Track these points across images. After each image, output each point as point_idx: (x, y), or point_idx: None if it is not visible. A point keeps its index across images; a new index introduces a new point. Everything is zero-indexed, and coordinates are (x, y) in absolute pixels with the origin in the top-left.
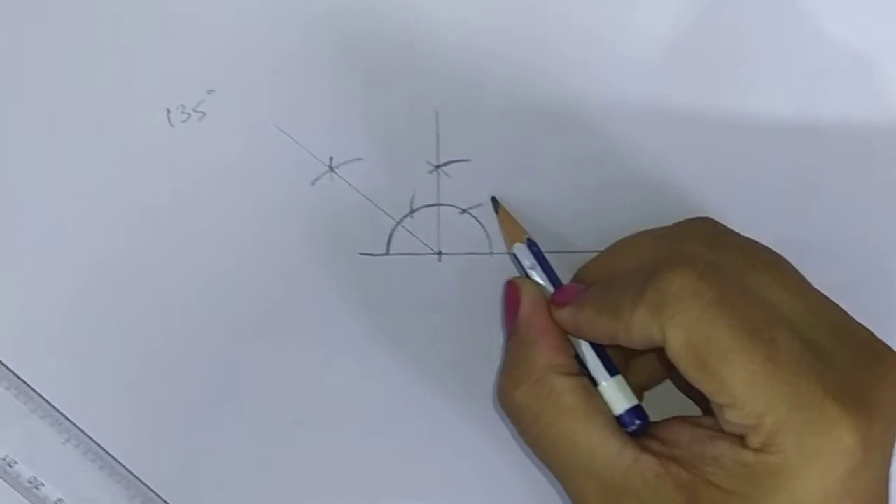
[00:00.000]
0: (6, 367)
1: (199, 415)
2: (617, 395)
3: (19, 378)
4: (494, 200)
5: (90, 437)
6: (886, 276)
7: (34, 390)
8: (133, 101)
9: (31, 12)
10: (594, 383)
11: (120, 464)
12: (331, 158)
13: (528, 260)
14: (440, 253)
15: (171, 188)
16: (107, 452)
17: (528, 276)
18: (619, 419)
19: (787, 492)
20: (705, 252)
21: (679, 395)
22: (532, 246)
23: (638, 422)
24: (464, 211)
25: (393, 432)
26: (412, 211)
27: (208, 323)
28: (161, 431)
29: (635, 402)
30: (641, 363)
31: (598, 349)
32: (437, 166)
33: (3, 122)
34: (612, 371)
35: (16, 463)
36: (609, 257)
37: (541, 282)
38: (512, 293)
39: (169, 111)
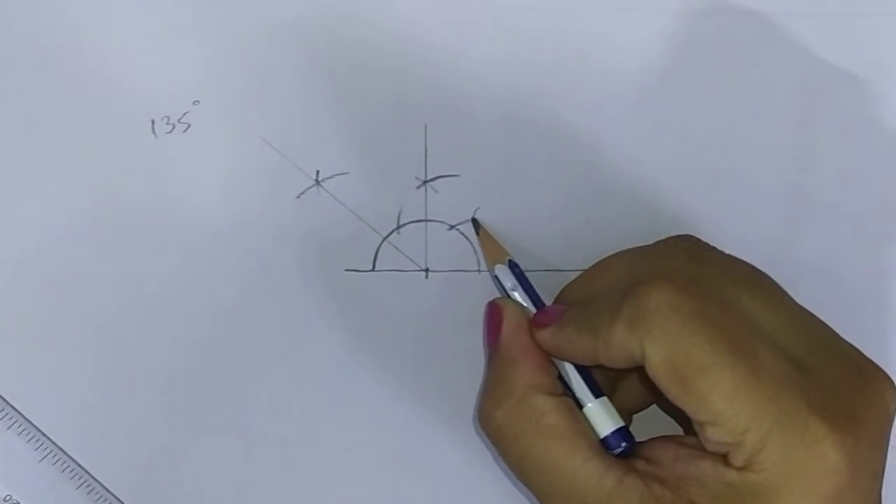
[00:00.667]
0: None
1: (181, 433)
2: (602, 416)
3: None
4: (475, 221)
5: (69, 455)
6: (880, 297)
7: (11, 405)
8: (117, 112)
9: (16, 21)
10: (579, 406)
11: (98, 483)
12: (317, 172)
13: (509, 281)
14: (427, 270)
15: (155, 200)
16: (85, 471)
17: (509, 297)
18: (604, 441)
19: None
20: (685, 267)
21: (668, 416)
22: (514, 267)
23: (624, 444)
24: (452, 227)
25: (377, 451)
26: (399, 226)
27: (190, 338)
28: (141, 450)
29: (621, 423)
30: (628, 386)
31: (583, 371)
32: (425, 181)
33: None
34: (597, 393)
35: None
36: (589, 277)
37: (523, 303)
38: (494, 314)
39: (153, 122)
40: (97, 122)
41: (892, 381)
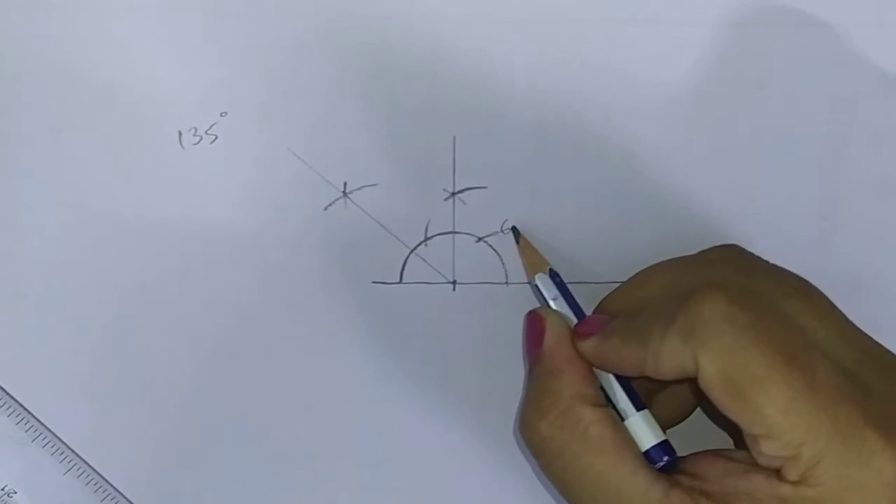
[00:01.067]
0: (8, 394)
1: (205, 444)
2: (644, 429)
3: (21, 405)
4: (515, 230)
5: (92, 468)
6: None
7: (36, 418)
8: (144, 123)
9: (46, 33)
10: (620, 417)
11: (122, 496)
12: (344, 184)
13: (551, 291)
14: (454, 282)
15: (182, 212)
16: (109, 484)
17: (550, 306)
18: (646, 455)
19: None
20: (736, 277)
21: (705, 429)
22: (554, 276)
23: (666, 458)
24: (479, 239)
25: (405, 464)
26: (426, 239)
27: (216, 350)
28: (165, 462)
29: (663, 437)
30: (666, 398)
31: (624, 382)
32: (453, 193)
33: (14, 142)
34: (639, 405)
35: (15, 493)
36: (633, 287)
37: (564, 313)
38: (535, 323)
39: (181, 133)
40: (125, 133)
41: None
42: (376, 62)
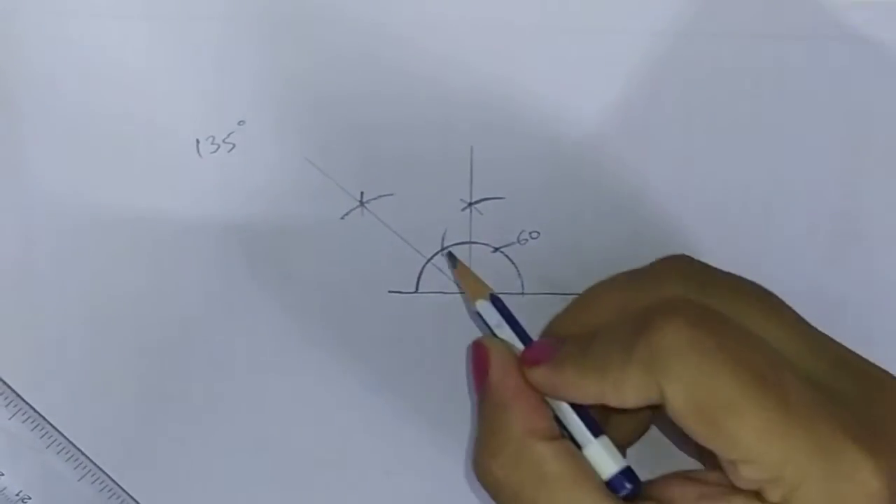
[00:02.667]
0: (23, 400)
1: (220, 454)
2: (604, 457)
3: (36, 411)
4: (451, 255)
5: (107, 475)
6: None
7: (51, 424)
8: (162, 131)
9: (64, 38)
10: (578, 446)
11: (136, 502)
12: (361, 193)
13: (493, 317)
14: None
15: (198, 220)
16: (124, 490)
17: (494, 334)
18: (608, 484)
19: None
20: (692, 293)
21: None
22: (496, 301)
23: (629, 485)
24: (496, 249)
25: (417, 473)
26: (443, 248)
27: (232, 359)
28: (180, 471)
29: (625, 463)
30: (624, 419)
31: (579, 409)
32: (470, 203)
33: (31, 149)
34: (597, 431)
35: (29, 499)
36: (582, 308)
37: (510, 340)
38: (480, 354)
39: (198, 141)
40: (142, 141)
41: None
42: (394, 71)
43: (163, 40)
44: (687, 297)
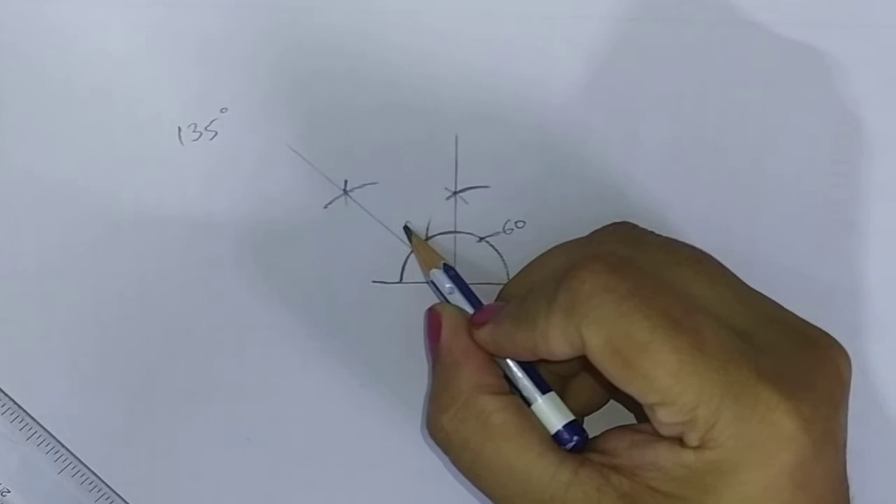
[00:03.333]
0: (3, 393)
1: (201, 446)
2: (551, 411)
3: (16, 403)
4: (407, 229)
5: (88, 468)
6: None
7: (31, 417)
8: (143, 118)
9: (43, 27)
10: (528, 403)
11: (117, 495)
12: (345, 182)
13: (446, 284)
14: None
15: (180, 208)
16: (105, 484)
17: (447, 301)
18: (556, 437)
19: (731, 489)
20: (619, 248)
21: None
22: (449, 270)
23: (576, 437)
24: (481, 239)
25: (400, 466)
26: (428, 238)
27: (213, 348)
28: (162, 463)
29: (570, 417)
30: (578, 386)
31: (528, 367)
32: (455, 192)
33: (12, 138)
34: (545, 388)
35: (8, 492)
36: (528, 272)
37: (462, 307)
38: (433, 319)
39: (180, 129)
40: (123, 129)
41: (843, 349)
42: (378, 59)
43: (144, 27)
44: (613, 248)
